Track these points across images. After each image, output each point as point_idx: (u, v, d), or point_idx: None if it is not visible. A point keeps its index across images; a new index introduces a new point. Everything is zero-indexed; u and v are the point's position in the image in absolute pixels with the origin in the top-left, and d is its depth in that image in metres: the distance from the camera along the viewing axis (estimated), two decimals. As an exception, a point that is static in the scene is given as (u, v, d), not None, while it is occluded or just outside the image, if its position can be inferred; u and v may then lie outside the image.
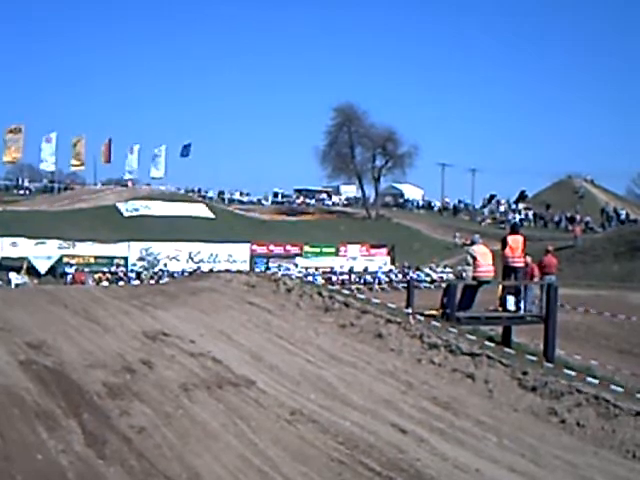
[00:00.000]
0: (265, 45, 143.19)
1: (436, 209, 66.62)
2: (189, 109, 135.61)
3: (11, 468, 6.35)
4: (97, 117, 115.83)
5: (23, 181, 62.39)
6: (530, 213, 58.52)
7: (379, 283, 41.12)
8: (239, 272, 18.95)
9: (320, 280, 35.91)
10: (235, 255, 42.61)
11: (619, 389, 9.61)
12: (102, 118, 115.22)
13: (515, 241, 14.52)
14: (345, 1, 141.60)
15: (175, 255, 41.42)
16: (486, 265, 13.90)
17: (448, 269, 42.53)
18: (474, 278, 13.90)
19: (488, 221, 59.45)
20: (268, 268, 40.10)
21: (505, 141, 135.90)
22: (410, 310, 13.24)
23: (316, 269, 42.54)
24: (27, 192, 59.60)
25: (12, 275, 34.60)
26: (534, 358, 11.17)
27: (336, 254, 45.49)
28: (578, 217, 53.16)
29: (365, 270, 43.34)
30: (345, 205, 68.55)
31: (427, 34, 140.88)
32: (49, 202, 52.36)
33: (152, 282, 33.36)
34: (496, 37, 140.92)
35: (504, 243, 14.54)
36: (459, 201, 67.47)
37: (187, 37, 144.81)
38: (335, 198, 70.72)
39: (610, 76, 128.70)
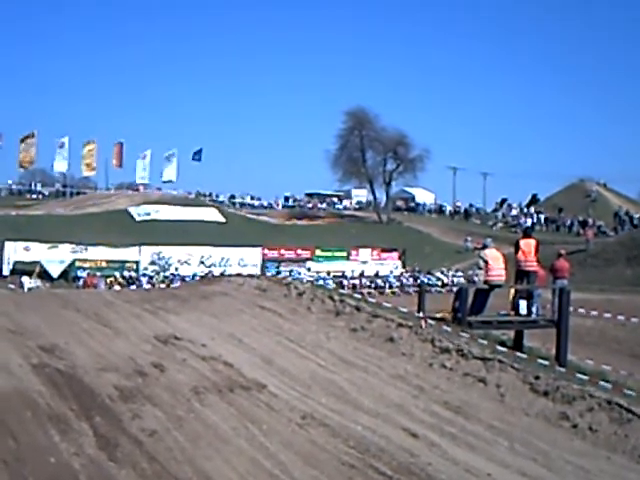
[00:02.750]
0: (275, 48, 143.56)
1: (447, 213, 66.44)
2: (200, 113, 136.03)
3: (24, 471, 6.38)
4: (108, 122, 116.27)
5: (36, 186, 62.71)
6: (542, 217, 58.28)
7: (390, 287, 41.07)
8: (250, 276, 18.98)
9: (331, 284, 35.89)
10: (246, 259, 42.65)
11: (632, 394, 9.57)
12: (113, 123, 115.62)
13: (528, 245, 14.47)
14: (356, 5, 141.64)
15: (186, 259, 41.46)
16: (498, 269, 13.87)
17: (459, 273, 42.43)
18: (486, 282, 13.87)
19: (500, 225, 59.20)
20: (279, 272, 40.09)
21: (517, 144, 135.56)
22: (421, 314, 13.22)
23: (327, 273, 42.50)
24: (40, 197, 59.93)
25: (25, 279, 34.67)
26: (546, 362, 11.16)
27: (347, 258, 45.42)
28: (590, 221, 52.92)
29: (376, 274, 43.28)
30: (356, 209, 68.44)
31: (438, 38, 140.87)
32: (61, 206, 52.61)
33: (163, 286, 33.40)
34: (506, 41, 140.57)
35: (517, 247, 14.51)
36: (470, 205, 67.29)
37: (197, 40, 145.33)
38: (346, 202, 70.64)
39: (622, 79, 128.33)
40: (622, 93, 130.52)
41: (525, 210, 62.15)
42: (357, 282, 41.26)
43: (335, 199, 70.79)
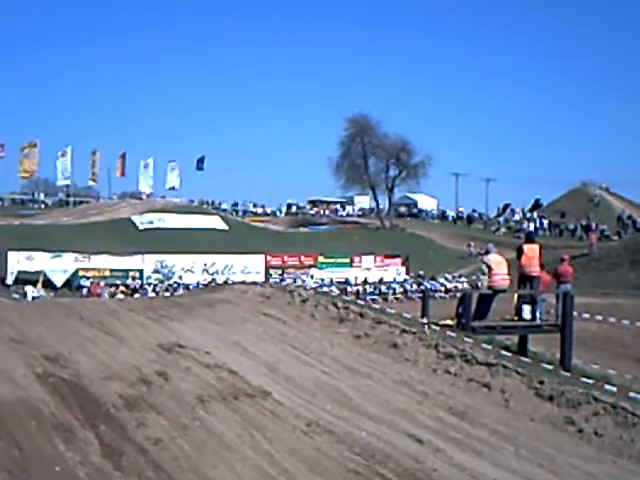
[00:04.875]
0: (277, 56, 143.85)
1: (450, 219, 66.45)
2: (203, 121, 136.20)
3: (29, 480, 6.38)
4: (111, 131, 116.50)
5: (39, 195, 62.96)
6: (545, 222, 58.25)
7: (394, 293, 41.04)
8: (254, 283, 18.99)
9: (335, 291, 35.86)
10: (250, 266, 42.68)
11: (637, 398, 9.54)
12: (116, 132, 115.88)
13: (531, 250, 14.46)
14: (358, 12, 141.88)
15: (190, 267, 41.52)
16: (501, 274, 13.85)
17: (463, 278, 42.41)
18: (489, 287, 13.86)
19: (503, 230, 59.18)
20: (283, 279, 40.07)
21: (519, 150, 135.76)
22: (425, 320, 13.21)
23: (331, 280, 42.48)
24: (43, 206, 60.05)
25: (28, 288, 34.75)
26: (551, 367, 11.13)
27: (350, 265, 45.45)
28: (593, 225, 52.85)
29: (380, 280, 43.26)
30: (359, 216, 68.58)
31: (440, 44, 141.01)
32: (65, 216, 52.69)
33: (167, 294, 33.42)
34: (508, 45, 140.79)
35: (520, 252, 14.48)
36: (473, 210, 67.30)
37: (199, 49, 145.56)
38: (349, 209, 70.78)
39: (624, 82, 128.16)
40: (624, 97, 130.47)
41: (528, 215, 62.10)
42: (361, 289, 41.24)
43: (338, 206, 70.88)
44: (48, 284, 36.52)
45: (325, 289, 33.11)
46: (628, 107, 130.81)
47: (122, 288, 37.71)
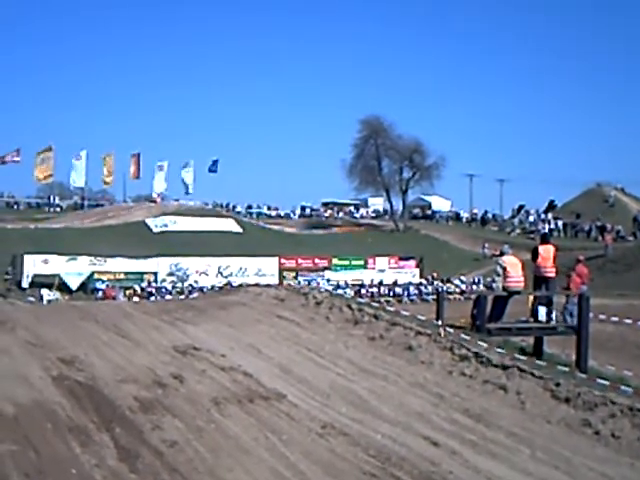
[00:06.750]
0: (290, 57, 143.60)
1: (464, 220, 66.28)
2: (216, 123, 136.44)
3: (45, 483, 6.41)
4: (124, 134, 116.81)
5: (54, 199, 63.18)
6: (560, 223, 58.02)
7: (408, 295, 41.00)
8: (268, 286, 19.01)
9: (350, 293, 35.86)
10: (264, 269, 42.74)
11: (654, 399, 9.46)
12: (129, 134, 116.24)
13: (546, 251, 14.41)
14: (370, 13, 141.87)
15: (204, 270, 41.64)
16: (516, 276, 13.81)
17: (478, 279, 42.27)
18: (504, 289, 13.82)
19: (517, 231, 59.00)
20: (299, 282, 40.09)
21: (533, 150, 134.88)
22: (440, 322, 13.18)
23: (345, 282, 42.47)
24: (58, 209, 60.34)
25: (44, 292, 35.01)
26: (566, 369, 11.07)
27: (365, 267, 45.42)
28: (609, 226, 52.57)
29: (394, 282, 43.22)
30: (373, 217, 68.49)
31: (452, 45, 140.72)
32: (80, 219, 52.93)
33: (182, 297, 33.52)
34: (520, 45, 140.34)
35: (535, 253, 14.44)
36: (487, 212, 67.10)
37: (212, 50, 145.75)
38: (363, 211, 70.73)
39: (638, 81, 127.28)
40: (638, 95, 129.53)
41: (542, 216, 61.87)
42: (375, 291, 41.21)
43: (352, 208, 70.87)
44: (63, 287, 36.75)
45: (339, 291, 33.16)
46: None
47: (136, 290, 37.87)
